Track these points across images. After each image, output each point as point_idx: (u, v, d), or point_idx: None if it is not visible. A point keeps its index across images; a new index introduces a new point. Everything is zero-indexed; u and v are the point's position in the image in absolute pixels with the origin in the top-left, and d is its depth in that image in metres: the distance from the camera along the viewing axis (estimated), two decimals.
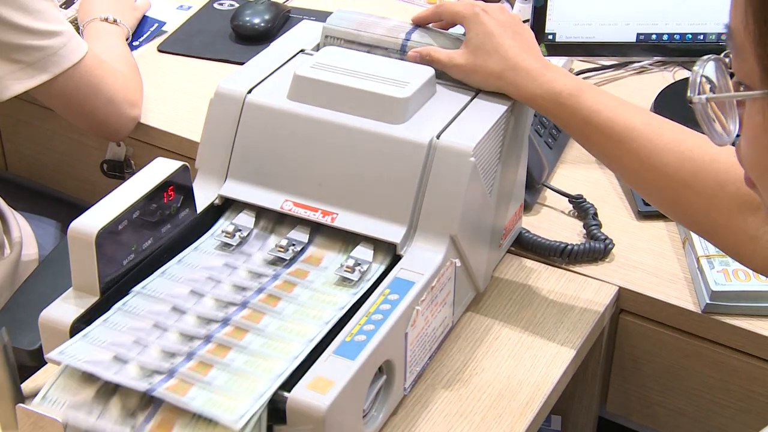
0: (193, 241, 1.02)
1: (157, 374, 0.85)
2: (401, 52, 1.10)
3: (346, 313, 0.94)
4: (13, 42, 1.27)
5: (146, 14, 1.71)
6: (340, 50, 1.11)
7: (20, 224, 1.53)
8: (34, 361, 0.94)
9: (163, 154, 1.13)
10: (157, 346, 0.88)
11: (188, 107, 1.51)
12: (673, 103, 1.51)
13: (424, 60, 1.07)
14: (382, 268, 0.99)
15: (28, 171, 1.60)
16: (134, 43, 1.64)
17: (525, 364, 1.07)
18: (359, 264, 0.99)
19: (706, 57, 0.93)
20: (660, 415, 1.26)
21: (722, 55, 0.75)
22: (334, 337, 0.90)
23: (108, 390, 0.85)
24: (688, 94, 0.98)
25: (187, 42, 1.64)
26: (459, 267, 1.02)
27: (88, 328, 0.89)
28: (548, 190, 1.32)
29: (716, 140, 0.70)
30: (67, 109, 1.39)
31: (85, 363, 0.85)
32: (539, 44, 1.40)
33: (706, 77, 0.78)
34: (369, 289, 0.97)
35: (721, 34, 1.41)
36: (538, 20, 1.40)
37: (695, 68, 1.00)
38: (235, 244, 1.02)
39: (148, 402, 0.84)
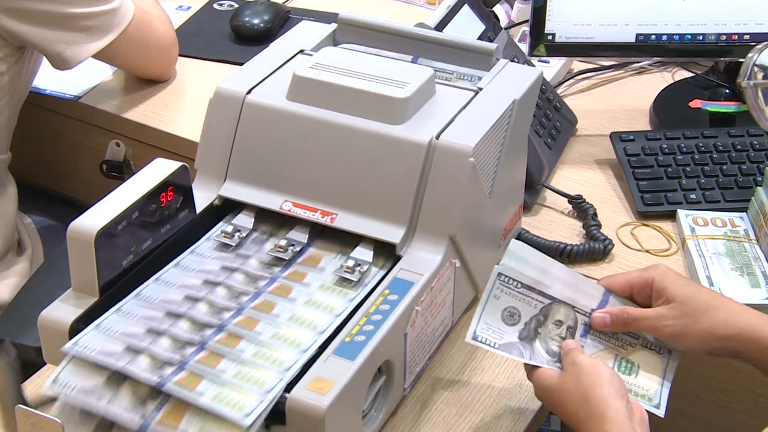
0: (193, 242, 1.02)
1: (168, 366, 0.85)
2: None
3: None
4: (83, 12, 1.35)
5: None
6: (340, 50, 1.11)
7: (25, 223, 1.54)
8: (41, 357, 0.95)
9: (163, 154, 1.13)
10: (151, 351, 0.88)
11: (187, 107, 1.51)
12: (673, 104, 1.51)
13: (618, 323, 0.96)
14: (382, 272, 0.99)
15: (29, 171, 1.61)
16: None
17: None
18: (359, 264, 0.98)
19: (763, 44, 0.91)
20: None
21: None
22: (333, 338, 0.90)
23: (119, 376, 0.86)
24: (739, 78, 0.96)
25: (187, 42, 1.64)
26: (458, 267, 1.02)
27: (83, 332, 0.89)
28: (548, 190, 1.32)
29: (763, 124, 0.70)
30: (127, 63, 1.51)
31: (97, 354, 0.86)
32: (539, 44, 1.42)
33: (759, 65, 0.78)
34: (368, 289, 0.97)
35: (720, 34, 1.41)
36: (537, 20, 1.40)
37: (750, 55, 0.99)
38: (234, 244, 1.02)
39: (158, 390, 0.84)
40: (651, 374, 0.96)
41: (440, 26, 1.28)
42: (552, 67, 1.56)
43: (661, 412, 0.94)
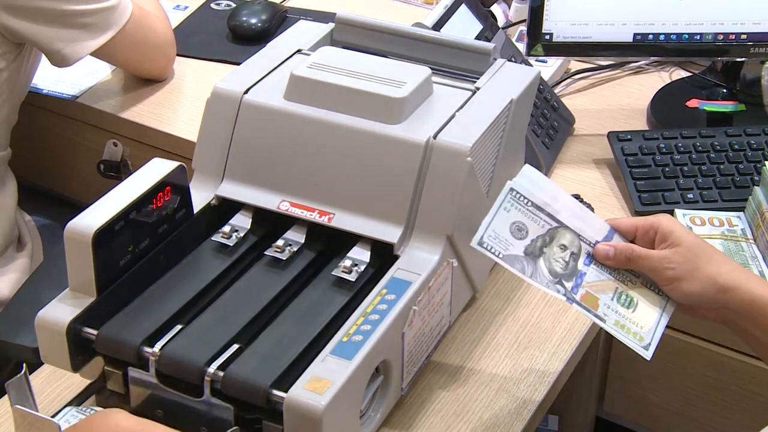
0: (190, 242, 1.02)
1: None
2: None
3: (342, 312, 0.94)
4: (81, 9, 1.35)
5: None
6: (337, 50, 1.11)
7: (25, 219, 1.54)
8: (38, 358, 0.94)
9: (160, 154, 1.13)
10: None
11: (185, 107, 1.51)
12: (670, 104, 1.51)
13: (621, 259, 0.97)
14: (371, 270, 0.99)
15: (26, 171, 1.60)
16: None
17: (522, 364, 1.07)
18: (356, 264, 0.98)
19: None
20: (657, 415, 1.26)
21: None
22: (331, 336, 0.90)
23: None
24: (765, 100, 0.97)
25: (184, 42, 1.64)
26: (456, 267, 1.02)
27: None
28: None
29: None
30: (126, 61, 1.51)
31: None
32: (536, 44, 1.41)
33: None
34: (366, 288, 0.97)
35: (718, 34, 1.41)
36: (535, 20, 1.40)
37: (764, 74, 0.99)
38: (231, 245, 1.02)
39: None
40: (648, 312, 0.96)
41: (437, 26, 1.28)
42: (549, 67, 1.57)
43: (648, 354, 0.94)
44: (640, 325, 0.95)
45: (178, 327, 0.92)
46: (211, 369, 0.87)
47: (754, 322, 0.93)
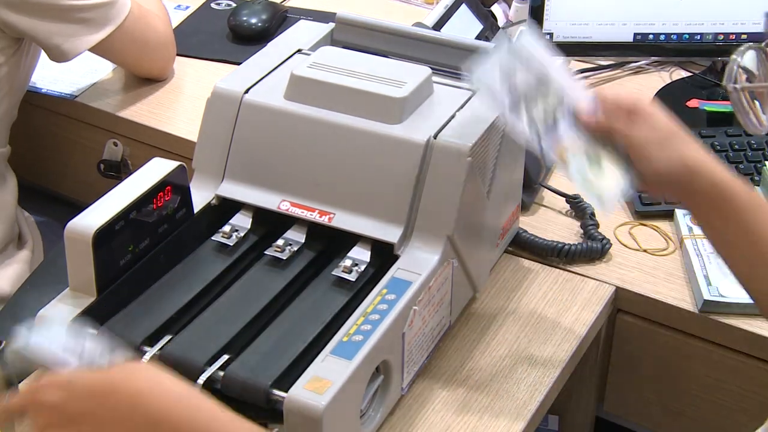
0: (190, 242, 1.02)
1: None
2: None
3: (342, 312, 0.94)
4: (80, 4, 1.36)
5: None
6: (337, 50, 1.11)
7: (24, 216, 1.54)
8: None
9: (160, 154, 1.13)
10: None
11: (185, 107, 1.51)
12: (670, 104, 1.51)
13: (601, 130, 0.97)
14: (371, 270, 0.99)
15: (25, 170, 1.60)
16: None
17: (522, 364, 1.07)
18: (356, 264, 0.98)
19: (745, 46, 0.92)
20: (657, 415, 1.26)
21: (764, 44, 0.75)
22: (332, 336, 0.90)
23: None
24: (724, 82, 0.98)
25: (184, 42, 1.64)
26: (456, 267, 1.02)
27: None
28: (546, 189, 1.32)
29: (750, 129, 0.70)
30: (125, 58, 1.50)
31: None
32: None
33: (743, 67, 0.78)
34: (366, 288, 0.97)
35: (718, 34, 1.41)
36: (535, 20, 1.40)
37: (733, 56, 1.00)
38: (232, 244, 1.02)
39: None
40: (615, 178, 0.97)
41: (438, 26, 1.28)
42: None
43: (607, 209, 0.96)
44: (605, 187, 0.96)
45: (178, 327, 0.93)
46: (211, 369, 0.88)
47: (717, 207, 0.93)
